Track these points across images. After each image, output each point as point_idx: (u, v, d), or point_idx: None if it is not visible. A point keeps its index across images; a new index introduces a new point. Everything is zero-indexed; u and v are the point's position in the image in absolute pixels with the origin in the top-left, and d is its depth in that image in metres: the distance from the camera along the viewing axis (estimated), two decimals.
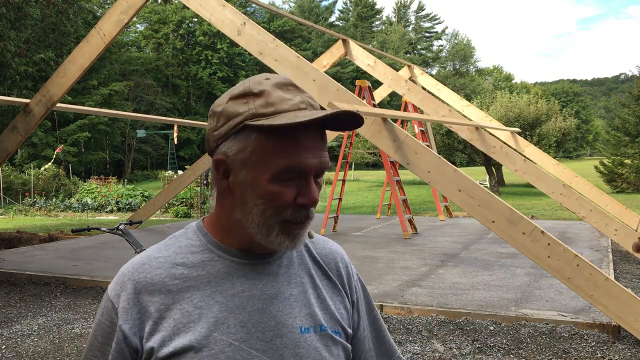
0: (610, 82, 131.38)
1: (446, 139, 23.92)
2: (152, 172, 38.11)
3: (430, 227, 11.37)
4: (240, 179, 0.90)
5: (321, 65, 9.94)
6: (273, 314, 0.94)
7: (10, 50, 18.00)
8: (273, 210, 0.89)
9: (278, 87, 0.90)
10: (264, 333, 0.92)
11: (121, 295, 0.93)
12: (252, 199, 0.90)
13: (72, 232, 4.97)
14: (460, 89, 54.19)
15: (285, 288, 0.97)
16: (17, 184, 19.14)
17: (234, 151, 0.90)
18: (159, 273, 0.93)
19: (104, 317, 0.94)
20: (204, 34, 47.77)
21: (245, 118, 0.88)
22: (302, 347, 0.94)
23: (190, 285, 0.93)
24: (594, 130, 76.32)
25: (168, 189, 11.59)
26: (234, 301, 0.93)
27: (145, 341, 0.90)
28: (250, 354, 0.90)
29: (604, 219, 7.93)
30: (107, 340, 0.93)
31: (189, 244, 0.97)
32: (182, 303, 0.92)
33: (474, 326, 4.78)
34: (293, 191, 0.89)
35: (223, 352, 0.89)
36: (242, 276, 0.95)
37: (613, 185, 24.47)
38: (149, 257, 0.96)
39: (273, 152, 0.87)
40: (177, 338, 0.89)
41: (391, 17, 78.17)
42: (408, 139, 5.12)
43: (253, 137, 0.88)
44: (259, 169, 0.88)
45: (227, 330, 0.91)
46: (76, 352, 4.36)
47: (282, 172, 0.88)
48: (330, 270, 1.04)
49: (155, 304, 0.92)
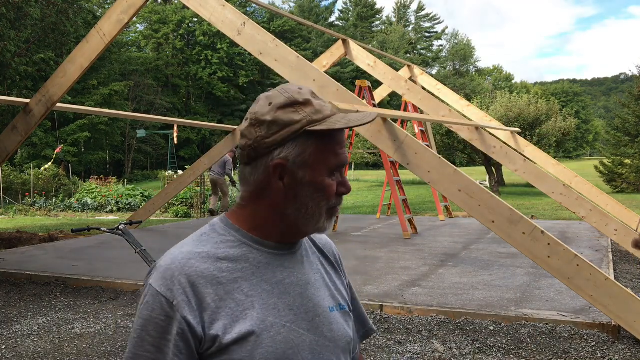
0: (610, 82, 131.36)
1: (446, 139, 23.92)
2: (152, 172, 38.10)
3: (430, 227, 11.37)
4: (299, 178, 1.03)
5: (321, 65, 9.94)
6: (310, 297, 1.08)
7: (10, 50, 18.01)
8: (326, 200, 1.05)
9: (314, 97, 1.05)
10: (307, 314, 1.06)
11: (174, 289, 0.99)
12: (309, 193, 1.04)
13: (72, 232, 4.97)
14: (460, 89, 54.17)
15: (311, 275, 1.12)
16: (17, 184, 19.14)
17: (294, 155, 1.02)
18: (207, 267, 1.02)
19: (156, 313, 0.98)
20: (204, 34, 47.75)
21: (303, 125, 1.02)
22: (333, 324, 1.10)
23: (237, 276, 1.03)
24: (594, 130, 76.32)
25: (168, 189, 11.59)
26: (279, 288, 1.05)
27: (208, 330, 0.98)
28: (299, 333, 1.04)
29: (604, 219, 7.93)
30: (163, 334, 0.98)
31: (224, 239, 1.07)
32: (234, 293, 1.01)
33: (474, 326, 4.78)
34: (336, 183, 1.06)
35: (279, 334, 1.01)
36: (280, 265, 1.07)
37: (613, 185, 24.47)
38: (191, 253, 1.03)
39: (327, 153, 1.04)
40: (237, 325, 0.99)
41: (391, 17, 78.20)
42: (408, 139, 5.12)
43: (311, 141, 1.02)
44: (317, 168, 1.03)
45: (279, 314, 1.03)
46: (76, 352, 4.36)
47: (335, 168, 1.05)
48: (330, 257, 1.22)
49: (210, 295, 1.00)
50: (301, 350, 1.03)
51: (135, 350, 1.00)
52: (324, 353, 1.06)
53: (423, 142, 11.07)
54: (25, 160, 27.99)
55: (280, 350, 1.00)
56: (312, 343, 1.05)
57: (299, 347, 1.02)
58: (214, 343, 0.98)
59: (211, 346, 0.98)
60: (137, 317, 1.01)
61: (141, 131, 35.88)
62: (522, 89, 56.70)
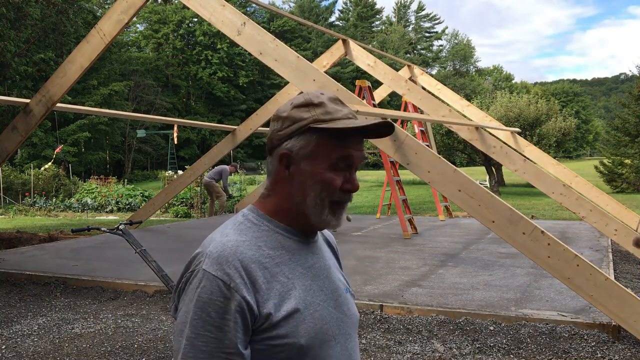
0: (610, 82, 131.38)
1: (446, 139, 23.91)
2: (152, 172, 38.10)
3: (430, 227, 11.37)
4: (301, 169, 1.16)
5: (321, 65, 9.94)
6: (333, 280, 1.24)
7: (10, 50, 17.99)
8: (326, 193, 1.15)
9: (331, 101, 1.17)
10: (332, 294, 1.21)
11: (231, 273, 1.09)
12: (310, 184, 1.15)
13: (72, 232, 4.97)
14: (460, 89, 54.20)
15: (329, 261, 1.28)
16: (17, 184, 19.13)
17: (297, 147, 1.15)
18: (253, 253, 1.13)
19: (215, 295, 1.08)
20: (204, 34, 47.74)
21: (309, 122, 1.15)
22: (349, 304, 1.26)
23: (278, 262, 1.15)
24: (594, 130, 76.32)
25: (168, 189, 11.58)
26: (311, 271, 1.19)
27: (262, 308, 1.09)
28: (329, 311, 1.18)
29: (604, 219, 7.93)
30: (224, 314, 1.07)
31: (260, 228, 1.18)
32: (278, 276, 1.13)
33: (474, 326, 4.78)
34: (341, 179, 1.16)
35: (317, 311, 1.15)
36: (309, 252, 1.22)
37: (613, 185, 24.47)
38: (238, 241, 1.14)
39: (330, 149, 1.14)
40: (284, 304, 1.11)
41: (391, 17, 78.19)
42: (408, 139, 5.12)
43: (314, 137, 1.15)
44: (318, 160, 1.15)
45: (314, 294, 1.17)
46: (76, 352, 4.36)
47: (336, 161, 1.15)
48: (334, 246, 1.38)
49: (260, 277, 1.11)
50: (331, 325, 1.17)
51: (197, 330, 1.08)
52: (345, 328, 1.21)
53: (423, 142, 11.06)
54: (25, 160, 27.99)
55: (318, 326, 1.14)
56: (338, 319, 1.20)
57: (329, 322, 1.17)
58: (266, 320, 1.09)
59: (264, 322, 1.09)
60: (194, 300, 1.09)
61: (141, 131, 35.87)
62: (522, 89, 56.71)
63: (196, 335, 1.08)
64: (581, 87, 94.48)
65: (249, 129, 11.31)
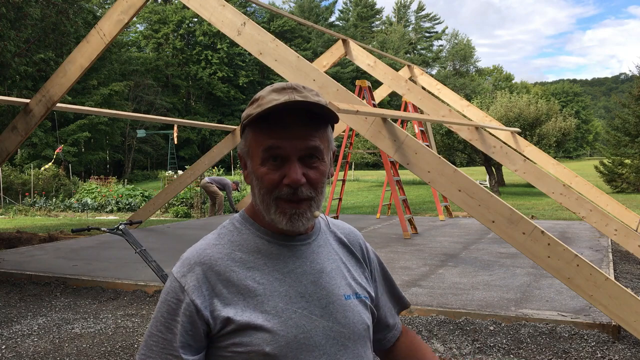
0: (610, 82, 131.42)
1: (446, 139, 23.91)
2: (152, 172, 38.12)
3: (430, 227, 11.37)
4: (248, 169, 1.14)
5: (321, 65, 9.94)
6: (323, 285, 1.14)
7: (10, 50, 17.98)
8: (265, 189, 1.10)
9: (275, 91, 1.09)
10: (319, 301, 1.12)
11: (188, 275, 1.08)
12: (255, 182, 1.12)
13: (72, 232, 4.97)
14: (460, 89, 54.20)
15: (327, 264, 1.17)
16: (17, 184, 19.14)
17: (241, 146, 1.15)
18: (220, 257, 1.10)
19: (170, 296, 1.09)
20: (204, 34, 47.76)
21: (244, 120, 1.11)
22: (348, 311, 1.14)
23: (250, 266, 1.10)
24: (594, 130, 76.33)
25: (168, 189, 11.58)
26: (291, 277, 1.11)
27: (219, 313, 1.06)
28: (312, 319, 1.09)
29: (604, 219, 7.93)
30: (173, 315, 1.07)
31: (240, 232, 1.15)
32: (246, 280, 1.08)
33: (474, 326, 4.78)
34: (280, 173, 1.08)
35: (291, 319, 1.07)
36: (292, 256, 1.14)
37: (613, 185, 24.46)
38: (209, 245, 1.13)
39: (259, 141, 1.09)
40: (249, 309, 1.06)
41: (391, 17, 78.20)
42: (408, 139, 5.12)
43: (248, 133, 1.12)
44: (254, 157, 1.11)
45: (290, 301, 1.09)
46: (76, 352, 4.36)
47: (264, 153, 1.08)
48: (353, 247, 1.27)
49: (222, 282, 1.08)
50: (314, 334, 1.09)
51: (150, 329, 1.10)
52: (338, 338, 1.11)
53: (423, 142, 11.06)
54: (25, 160, 27.98)
55: (291, 334, 1.06)
56: (325, 328, 1.10)
57: (311, 332, 1.08)
58: (225, 325, 1.05)
59: (223, 328, 1.06)
60: (159, 300, 1.11)
61: (141, 131, 35.88)
62: (522, 89, 56.69)
63: (150, 333, 1.10)
64: (581, 87, 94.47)
65: None
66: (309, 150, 1.08)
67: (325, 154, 1.12)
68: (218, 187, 14.15)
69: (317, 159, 1.10)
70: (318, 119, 1.10)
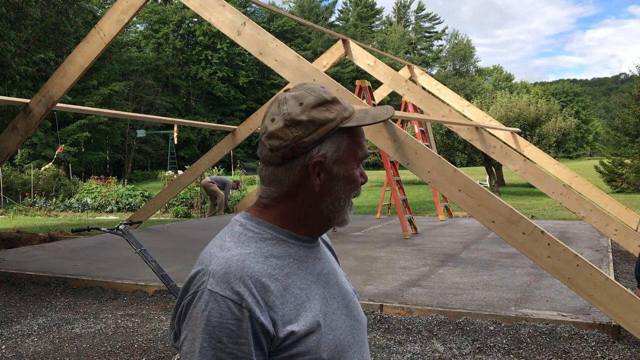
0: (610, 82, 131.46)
1: (446, 139, 23.91)
2: (152, 172, 38.11)
3: (430, 227, 11.37)
4: (334, 174, 1.08)
5: (321, 65, 9.94)
6: (341, 285, 1.16)
7: (10, 50, 17.99)
8: (355, 191, 1.12)
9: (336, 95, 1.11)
10: (343, 300, 1.13)
11: (241, 291, 0.97)
12: (342, 187, 1.09)
13: (72, 232, 4.97)
14: (460, 89, 54.20)
15: (333, 264, 1.20)
16: (17, 184, 19.13)
17: (331, 151, 1.06)
18: (261, 266, 1.02)
19: (226, 318, 0.96)
20: (204, 34, 47.76)
21: (337, 123, 1.06)
22: (359, 307, 1.19)
23: (288, 272, 1.05)
24: (594, 130, 76.35)
25: (168, 189, 11.58)
26: (321, 278, 1.11)
27: (280, 326, 1.00)
28: (344, 319, 1.11)
29: (604, 219, 7.93)
30: (237, 338, 0.96)
31: (262, 237, 1.07)
32: (291, 288, 1.04)
33: (474, 326, 4.78)
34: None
35: (334, 321, 1.07)
36: (314, 257, 1.13)
37: (613, 185, 24.45)
38: (242, 254, 1.03)
39: (355, 146, 1.09)
40: (302, 318, 1.02)
41: (391, 17, 78.19)
42: (408, 139, 5.12)
43: (344, 137, 1.08)
44: (349, 160, 1.09)
45: (327, 303, 1.08)
46: (76, 352, 4.36)
47: (361, 160, 1.12)
48: (332, 247, 1.30)
49: (273, 292, 1.01)
50: (347, 334, 1.10)
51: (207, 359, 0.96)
52: (358, 335, 1.14)
53: (423, 142, 11.06)
54: (25, 160, 27.95)
55: (336, 337, 1.07)
56: (351, 327, 1.12)
57: (345, 332, 1.10)
58: (285, 339, 1.00)
59: (283, 342, 1.00)
60: (201, 325, 0.97)
61: (141, 131, 35.88)
62: (522, 89, 56.70)
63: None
64: (581, 87, 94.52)
65: (249, 129, 11.31)
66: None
67: None
68: (219, 186, 14.30)
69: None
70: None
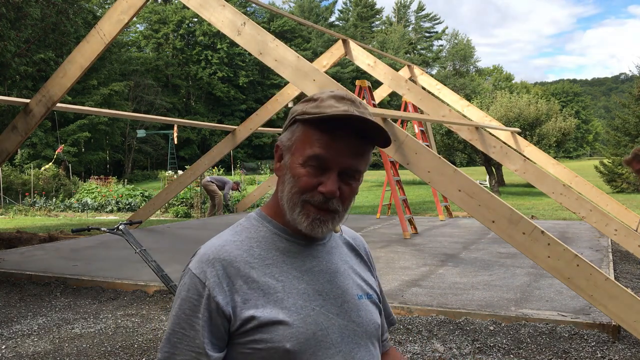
0: (610, 82, 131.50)
1: (446, 139, 23.91)
2: (152, 172, 38.11)
3: (430, 227, 11.37)
4: (285, 162, 1.13)
5: (321, 65, 9.94)
6: (338, 285, 1.17)
7: (10, 50, 17.99)
8: (297, 189, 1.10)
9: (334, 98, 1.11)
10: (335, 300, 1.14)
11: (207, 272, 1.08)
12: (288, 177, 1.12)
13: (72, 232, 4.97)
14: (460, 89, 54.19)
15: (340, 265, 1.21)
16: (17, 184, 19.13)
17: (285, 139, 1.14)
18: (239, 253, 1.11)
19: (191, 292, 1.08)
20: (204, 34, 47.76)
21: (297, 114, 1.12)
22: (361, 310, 1.18)
23: (268, 263, 1.12)
24: (594, 130, 76.36)
25: (168, 189, 11.58)
26: (308, 275, 1.14)
27: (240, 310, 1.06)
28: (329, 317, 1.12)
29: (604, 219, 7.93)
30: (195, 312, 1.07)
31: (257, 229, 1.16)
32: (265, 277, 1.10)
33: (474, 326, 4.78)
34: (318, 180, 1.09)
35: (309, 316, 1.09)
36: (309, 255, 1.16)
37: (613, 185, 24.45)
38: (227, 241, 1.13)
39: (309, 142, 1.09)
40: (269, 306, 1.07)
41: (391, 17, 78.20)
42: (408, 139, 5.12)
43: (298, 128, 1.11)
44: (296, 155, 1.11)
45: (308, 298, 1.11)
46: (76, 352, 4.36)
47: (308, 159, 1.09)
48: (360, 250, 1.32)
49: (242, 278, 1.08)
50: (330, 332, 1.11)
51: (172, 327, 1.09)
52: (352, 336, 1.14)
53: (423, 142, 11.06)
54: (25, 160, 27.95)
55: (310, 331, 1.08)
56: (341, 326, 1.13)
57: (328, 329, 1.11)
58: (246, 322, 1.06)
59: (243, 325, 1.06)
60: (176, 297, 1.11)
61: (141, 131, 35.89)
62: (522, 89, 56.69)
63: (172, 331, 1.09)
64: (581, 87, 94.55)
65: (249, 129, 11.32)
66: (351, 169, 1.10)
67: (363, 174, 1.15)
68: (218, 186, 14.35)
69: (354, 178, 1.12)
70: (366, 138, 1.11)
